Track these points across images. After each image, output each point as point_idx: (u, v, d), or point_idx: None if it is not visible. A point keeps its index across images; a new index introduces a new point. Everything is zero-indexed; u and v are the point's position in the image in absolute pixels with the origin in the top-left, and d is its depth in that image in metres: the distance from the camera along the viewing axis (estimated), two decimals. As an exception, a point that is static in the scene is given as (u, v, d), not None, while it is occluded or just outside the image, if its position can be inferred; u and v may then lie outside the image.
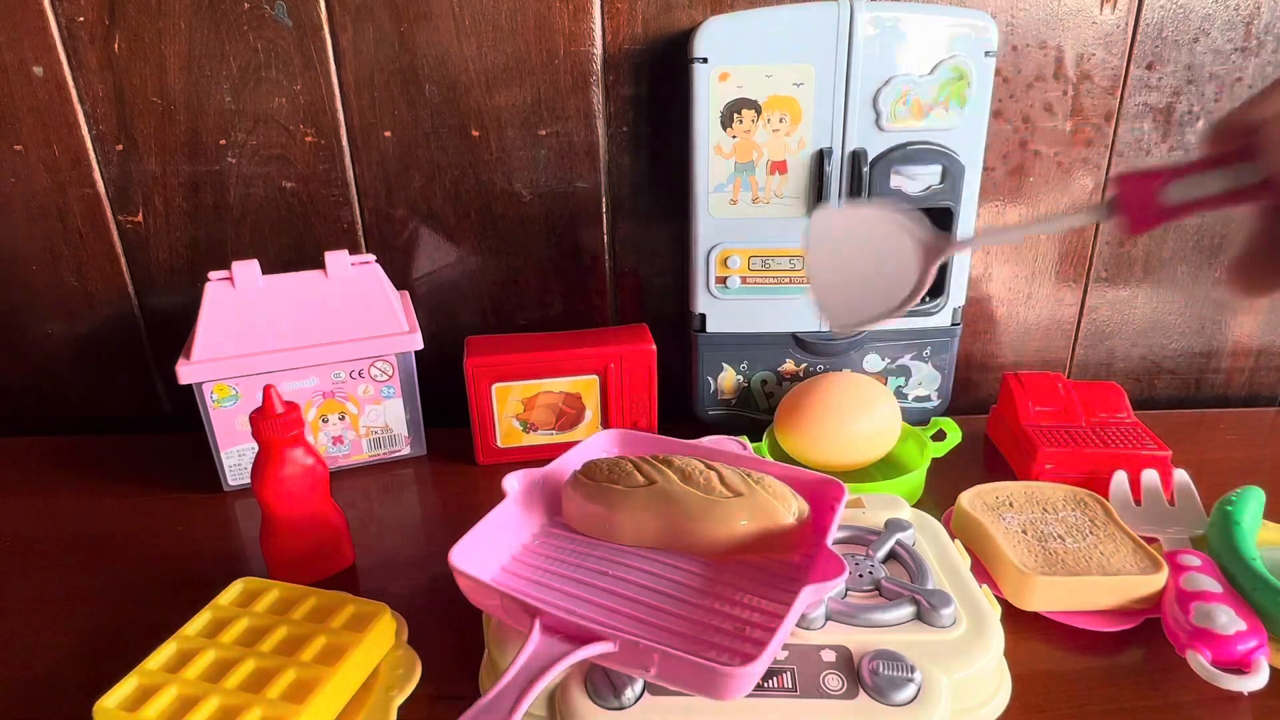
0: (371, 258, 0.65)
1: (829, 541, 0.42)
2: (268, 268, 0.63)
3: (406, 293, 0.72)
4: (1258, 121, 0.23)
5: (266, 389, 0.50)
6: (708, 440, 0.63)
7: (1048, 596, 0.47)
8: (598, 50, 0.68)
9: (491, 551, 0.44)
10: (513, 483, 0.47)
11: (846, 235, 0.30)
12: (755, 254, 0.66)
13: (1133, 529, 0.52)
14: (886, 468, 0.65)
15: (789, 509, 0.43)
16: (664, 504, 0.43)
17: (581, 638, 0.35)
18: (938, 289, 0.68)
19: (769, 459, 0.61)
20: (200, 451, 0.64)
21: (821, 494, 0.47)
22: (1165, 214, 0.24)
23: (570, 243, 0.74)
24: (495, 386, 0.65)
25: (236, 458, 0.65)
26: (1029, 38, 0.69)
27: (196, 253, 0.73)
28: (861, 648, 0.39)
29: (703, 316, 0.69)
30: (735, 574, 0.43)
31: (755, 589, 0.41)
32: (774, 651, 0.34)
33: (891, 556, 0.47)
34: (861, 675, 0.38)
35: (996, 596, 0.46)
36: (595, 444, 0.53)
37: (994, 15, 0.66)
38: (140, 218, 0.71)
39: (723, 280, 0.67)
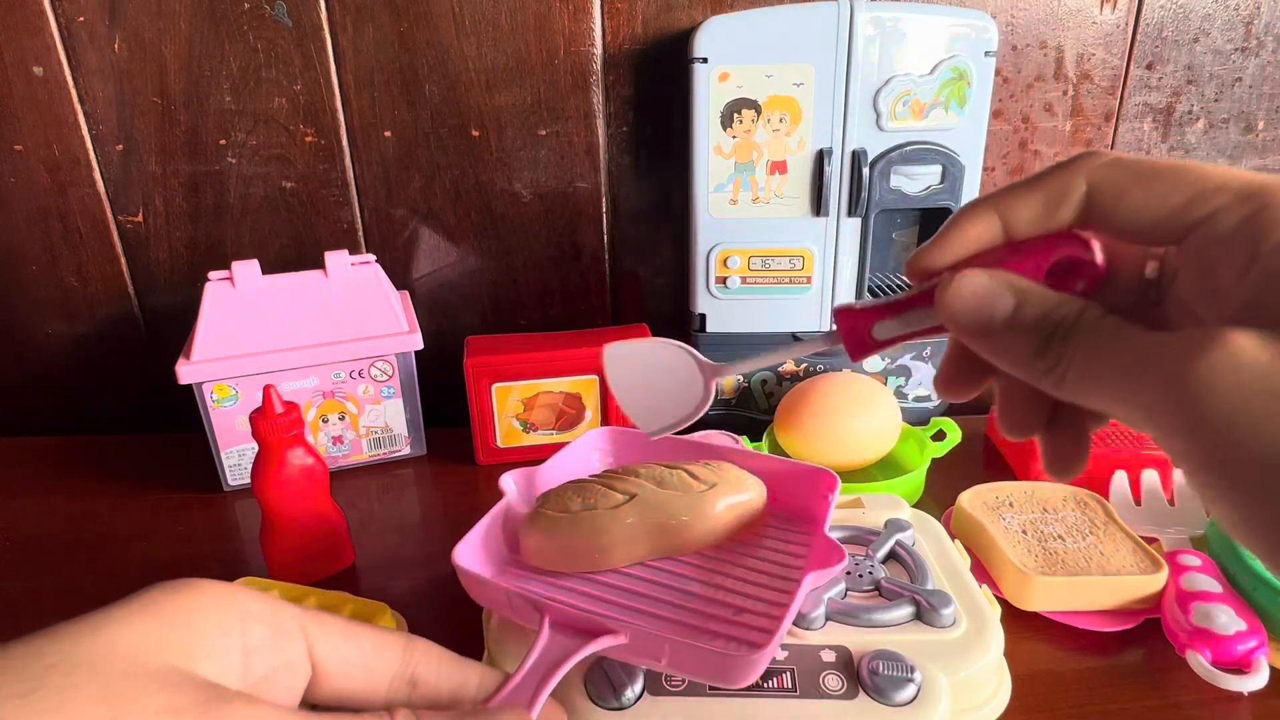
0: (371, 258, 0.65)
1: (826, 530, 0.42)
2: (268, 268, 0.63)
3: (406, 293, 0.72)
4: (936, 270, 0.27)
5: (266, 389, 0.50)
6: (699, 435, 0.63)
7: (1048, 596, 0.47)
8: (598, 50, 0.68)
9: (493, 549, 0.44)
10: (509, 482, 0.47)
11: (641, 361, 0.37)
12: (755, 254, 0.66)
13: (1133, 529, 0.52)
14: (886, 468, 0.65)
15: (753, 482, 0.45)
16: (651, 513, 0.42)
17: (591, 631, 0.35)
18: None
19: (768, 454, 0.61)
20: (200, 451, 0.64)
21: (814, 484, 0.47)
22: (877, 345, 0.28)
23: (570, 243, 0.74)
24: (495, 386, 0.65)
25: (236, 458, 0.65)
26: (1029, 38, 0.69)
27: (196, 253, 0.73)
28: (861, 648, 0.39)
29: (703, 316, 0.69)
30: (734, 567, 0.43)
31: (757, 581, 0.41)
32: (782, 636, 0.34)
33: (891, 556, 0.47)
34: (861, 675, 0.38)
35: (996, 596, 0.46)
36: (588, 442, 0.53)
37: (994, 15, 0.66)
38: (140, 218, 0.71)
39: (723, 280, 0.66)
